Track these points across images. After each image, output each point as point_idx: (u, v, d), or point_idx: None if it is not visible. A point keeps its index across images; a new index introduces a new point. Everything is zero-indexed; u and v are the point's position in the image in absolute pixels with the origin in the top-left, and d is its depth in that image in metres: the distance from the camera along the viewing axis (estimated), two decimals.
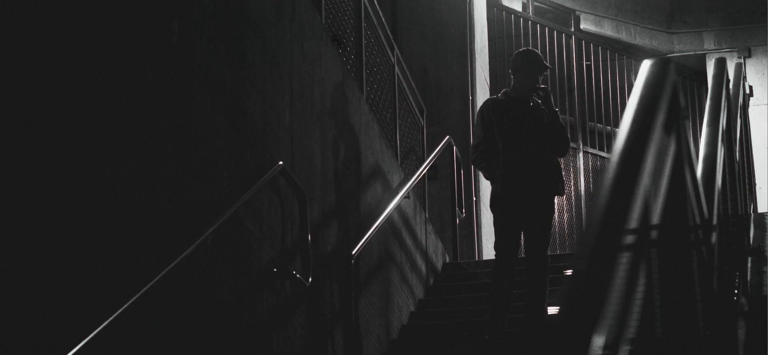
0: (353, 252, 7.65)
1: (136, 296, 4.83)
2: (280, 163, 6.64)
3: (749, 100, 13.21)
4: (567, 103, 15.16)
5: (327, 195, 7.62)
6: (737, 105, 7.98)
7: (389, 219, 8.82)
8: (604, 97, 15.76)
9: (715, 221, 4.58)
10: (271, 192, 6.57)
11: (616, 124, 15.42)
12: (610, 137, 15.44)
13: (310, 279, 6.91)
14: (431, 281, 10.08)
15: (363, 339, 7.85)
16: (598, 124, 15.65)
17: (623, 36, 16.23)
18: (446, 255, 10.95)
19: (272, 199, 6.60)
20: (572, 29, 15.71)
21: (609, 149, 15.17)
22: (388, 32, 10.08)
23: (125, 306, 4.75)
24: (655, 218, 2.85)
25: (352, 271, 7.62)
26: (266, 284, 6.38)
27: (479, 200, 12.48)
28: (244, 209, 6.09)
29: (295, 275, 6.73)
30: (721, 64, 7.32)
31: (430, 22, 12.79)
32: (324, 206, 7.53)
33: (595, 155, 15.50)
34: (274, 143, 6.69)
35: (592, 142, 15.49)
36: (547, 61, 8.29)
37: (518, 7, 15.05)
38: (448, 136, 11.12)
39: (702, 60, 16.23)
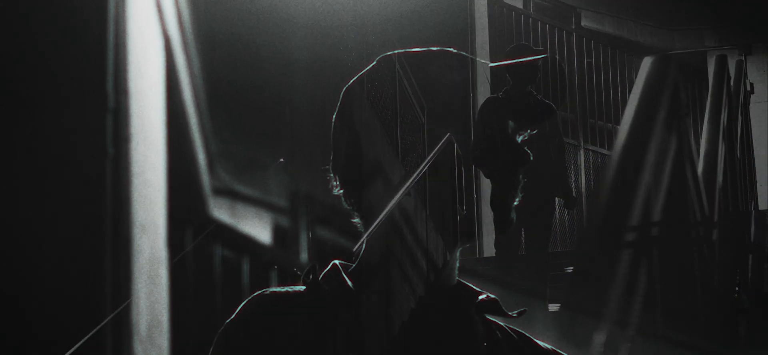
0: (354, 249, 7.64)
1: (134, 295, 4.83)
2: (281, 159, 6.63)
3: (750, 97, 13.21)
4: (568, 100, 15.16)
5: (327, 192, 7.61)
6: (738, 102, 7.98)
7: (390, 216, 8.81)
8: (606, 94, 15.76)
9: (716, 218, 4.58)
10: (272, 188, 6.57)
11: (618, 122, 15.42)
12: (612, 134, 15.44)
13: (311, 276, 6.90)
14: (432, 277, 10.07)
15: (363, 335, 7.83)
16: (600, 121, 15.65)
17: (624, 33, 16.24)
18: (447, 252, 10.93)
19: (273, 195, 6.60)
20: (573, 26, 15.71)
21: (610, 146, 15.17)
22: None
23: (125, 304, 4.75)
24: (657, 215, 2.85)
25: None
26: (267, 282, 6.37)
27: (480, 198, 12.47)
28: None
29: (295, 271, 6.72)
30: (722, 62, 7.32)
31: (430, 19, 12.78)
32: (324, 203, 7.52)
33: (596, 152, 15.50)
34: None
35: (594, 139, 15.49)
36: (540, 47, 8.28)
37: (519, 5, 15.05)
38: (449, 134, 11.10)
39: (703, 57, 16.23)
